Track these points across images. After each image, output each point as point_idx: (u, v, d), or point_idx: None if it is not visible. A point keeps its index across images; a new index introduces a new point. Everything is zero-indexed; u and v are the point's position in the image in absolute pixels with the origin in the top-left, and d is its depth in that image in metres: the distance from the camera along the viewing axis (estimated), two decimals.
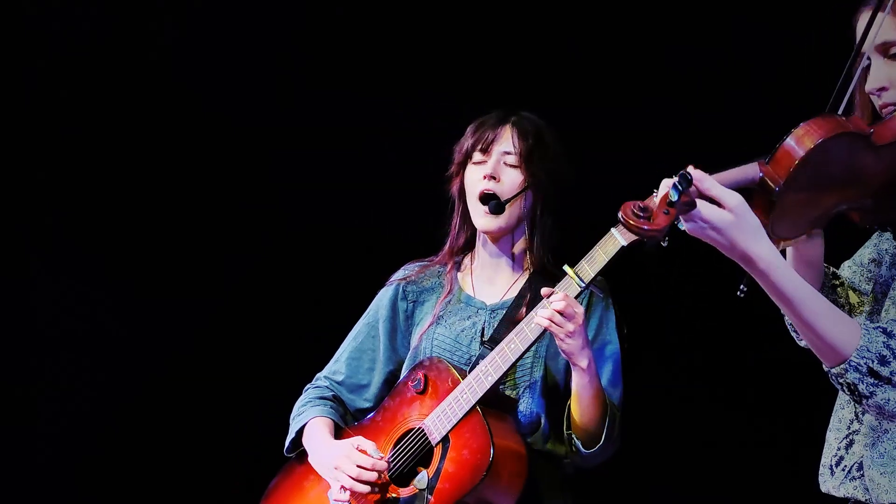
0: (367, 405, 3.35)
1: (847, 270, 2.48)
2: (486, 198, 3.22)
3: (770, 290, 2.07)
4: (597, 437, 3.08)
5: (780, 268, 2.05)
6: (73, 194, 4.43)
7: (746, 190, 2.08)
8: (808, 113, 2.08)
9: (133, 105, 4.41)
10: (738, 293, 2.57)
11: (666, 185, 2.05)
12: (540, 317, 2.98)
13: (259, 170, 4.39)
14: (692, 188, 2.01)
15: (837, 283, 2.48)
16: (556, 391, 3.19)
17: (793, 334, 2.44)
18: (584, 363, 3.00)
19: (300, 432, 3.32)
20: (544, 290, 3.01)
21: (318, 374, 3.44)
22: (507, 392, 3.18)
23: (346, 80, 4.31)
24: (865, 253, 2.44)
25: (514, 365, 3.07)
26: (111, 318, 4.46)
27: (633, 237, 2.75)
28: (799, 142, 2.07)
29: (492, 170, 3.22)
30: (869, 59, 2.18)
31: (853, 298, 2.43)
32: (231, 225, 4.41)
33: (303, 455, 3.32)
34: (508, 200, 3.20)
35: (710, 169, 2.05)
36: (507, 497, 3.06)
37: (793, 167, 2.06)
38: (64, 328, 4.47)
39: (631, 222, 2.00)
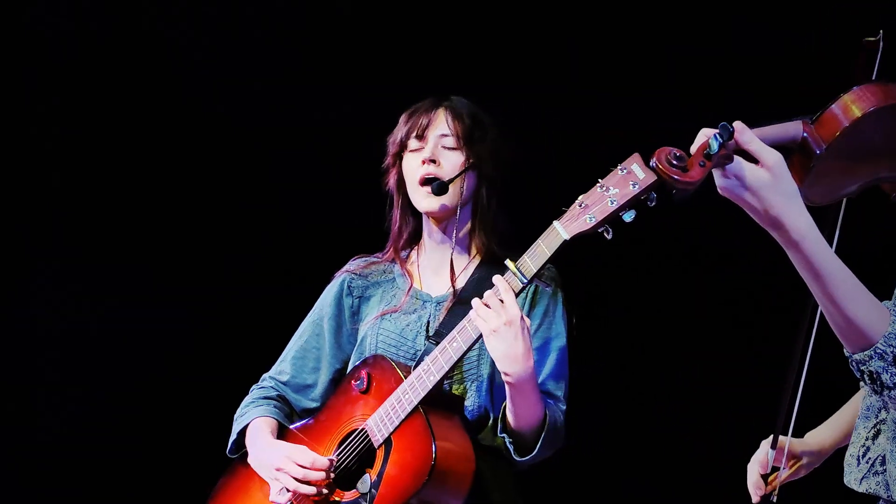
0: (314, 405, 3.22)
1: None
2: (427, 181, 3.10)
3: (799, 263, 1.92)
4: (530, 447, 2.92)
5: (814, 240, 1.90)
6: (73, 195, 4.40)
7: (784, 150, 1.94)
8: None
9: (133, 106, 4.37)
10: None
11: (704, 134, 1.91)
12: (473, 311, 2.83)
13: (259, 170, 4.38)
14: (731, 141, 1.87)
15: None
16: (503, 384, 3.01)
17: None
18: (512, 370, 2.81)
19: (243, 433, 3.20)
20: (495, 278, 2.84)
21: (264, 375, 3.32)
22: (454, 387, 3.05)
23: (346, 79, 4.30)
24: None
25: (458, 362, 2.92)
26: (111, 318, 4.45)
27: (577, 231, 2.66)
28: (850, 107, 1.95)
29: (431, 153, 3.10)
30: None
31: None
32: (231, 225, 4.40)
33: (247, 456, 3.18)
34: (452, 179, 3.08)
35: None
36: (453, 499, 2.91)
37: (839, 132, 1.94)
38: (63, 328, 4.42)
39: (662, 169, 1.86)
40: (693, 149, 1.89)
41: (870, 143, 1.99)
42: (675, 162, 1.86)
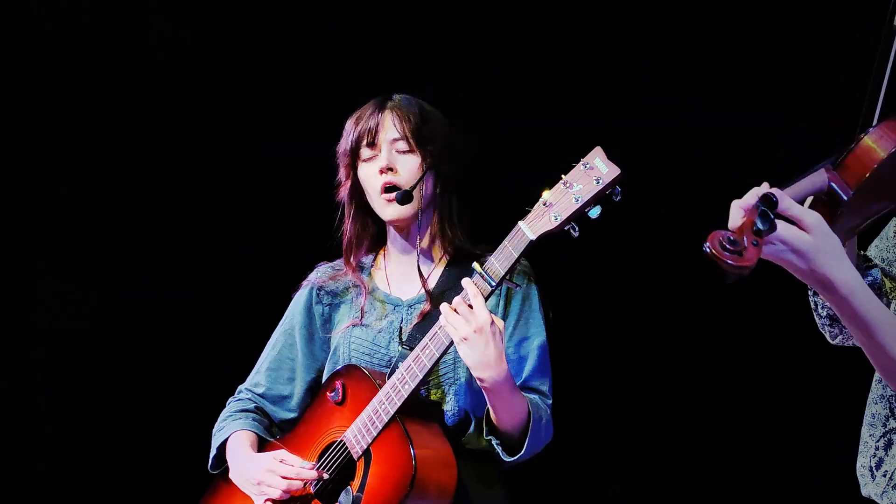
0: (292, 415, 3.14)
1: (874, 250, 2.34)
2: (388, 190, 2.98)
3: (847, 316, 1.90)
4: (518, 446, 2.84)
5: (862, 293, 1.88)
6: (70, 194, 4.41)
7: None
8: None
9: (130, 105, 4.33)
10: None
11: (739, 206, 1.84)
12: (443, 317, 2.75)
13: (257, 169, 4.36)
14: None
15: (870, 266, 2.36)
16: None
17: (824, 332, 2.31)
18: (486, 375, 2.74)
19: (223, 448, 3.11)
20: (464, 282, 2.76)
21: (239, 387, 3.22)
22: (432, 392, 2.96)
23: (345, 78, 4.29)
24: (891, 226, 2.31)
25: (432, 369, 2.83)
26: (108, 317, 4.41)
27: (543, 231, 2.59)
28: (873, 148, 1.94)
29: (387, 161, 2.98)
30: None
31: (887, 284, 2.28)
32: (230, 224, 4.39)
33: (228, 472, 3.10)
34: (414, 186, 2.97)
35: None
36: None
37: (867, 174, 1.93)
38: (60, 327, 4.40)
39: (717, 254, 1.76)
40: (731, 225, 1.82)
41: (887, 179, 1.97)
42: (729, 247, 1.76)
